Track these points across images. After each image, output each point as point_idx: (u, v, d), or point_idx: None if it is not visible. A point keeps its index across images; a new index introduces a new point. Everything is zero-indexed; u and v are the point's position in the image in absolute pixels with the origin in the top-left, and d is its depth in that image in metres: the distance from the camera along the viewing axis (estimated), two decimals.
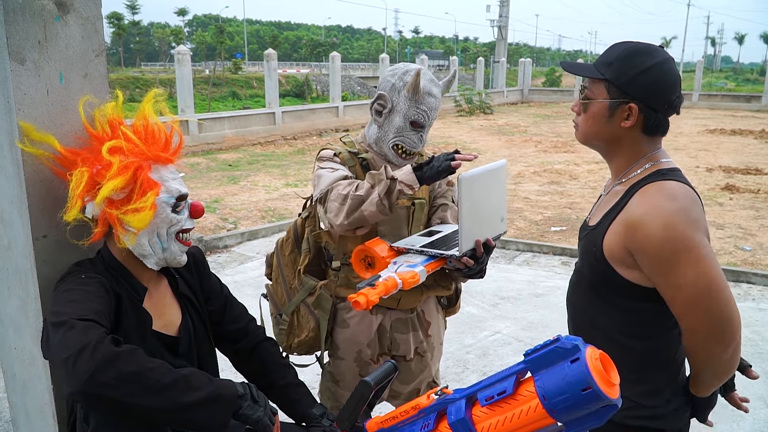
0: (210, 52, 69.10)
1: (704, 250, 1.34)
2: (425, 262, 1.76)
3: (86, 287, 1.46)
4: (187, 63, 14.24)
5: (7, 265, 1.72)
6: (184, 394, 1.32)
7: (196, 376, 1.38)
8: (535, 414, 1.04)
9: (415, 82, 1.94)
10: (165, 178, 1.58)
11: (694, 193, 1.41)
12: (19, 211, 1.61)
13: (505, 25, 36.51)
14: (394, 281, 1.61)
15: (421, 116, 1.98)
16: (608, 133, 1.49)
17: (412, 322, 2.13)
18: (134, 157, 1.54)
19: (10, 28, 1.49)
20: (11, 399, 1.94)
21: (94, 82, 1.69)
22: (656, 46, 1.48)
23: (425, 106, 1.97)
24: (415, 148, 2.01)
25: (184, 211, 1.62)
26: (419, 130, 2.00)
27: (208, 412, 1.35)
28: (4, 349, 1.87)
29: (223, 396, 1.38)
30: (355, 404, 1.27)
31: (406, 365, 2.16)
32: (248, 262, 5.79)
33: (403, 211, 2.05)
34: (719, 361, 1.39)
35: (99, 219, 1.54)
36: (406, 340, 2.13)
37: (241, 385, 1.45)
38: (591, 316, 1.55)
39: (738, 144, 14.75)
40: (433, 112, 2.00)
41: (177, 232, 1.61)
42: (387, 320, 2.11)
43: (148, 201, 1.51)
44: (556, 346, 1.03)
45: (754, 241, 6.60)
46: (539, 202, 8.57)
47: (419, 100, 1.96)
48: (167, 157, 1.61)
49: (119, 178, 1.49)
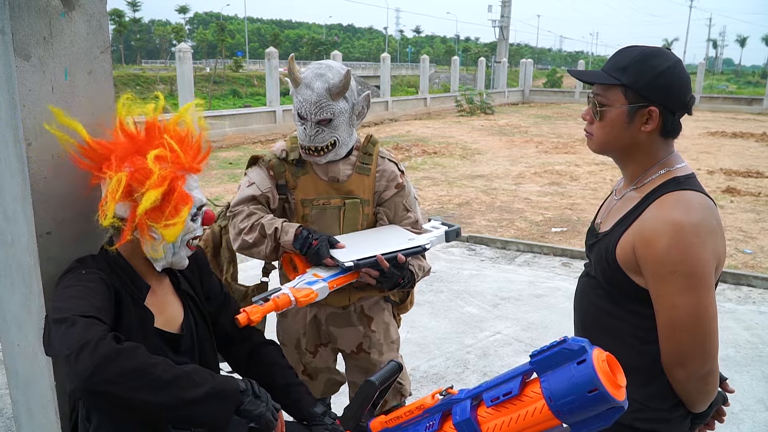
0: (211, 50, 69.12)
1: (705, 279, 1.35)
2: (333, 276, 1.89)
3: (87, 283, 1.46)
4: (188, 60, 14.24)
5: (10, 261, 1.72)
6: (186, 390, 1.32)
7: (198, 372, 1.38)
8: (541, 415, 1.04)
9: (288, 68, 1.97)
10: (191, 188, 1.59)
11: (710, 202, 1.41)
12: (23, 207, 1.60)
13: (506, 25, 36.51)
14: (287, 299, 1.77)
15: (300, 107, 1.96)
16: (627, 139, 1.47)
17: (349, 317, 2.18)
18: (172, 167, 1.54)
19: (16, 24, 1.49)
20: (13, 396, 1.93)
21: (98, 79, 1.69)
22: (665, 48, 1.48)
23: (301, 97, 1.95)
24: (302, 141, 1.98)
25: (198, 218, 1.63)
26: (303, 121, 1.97)
27: (210, 407, 1.35)
28: (7, 345, 1.86)
29: (225, 391, 1.38)
30: (359, 403, 1.27)
31: (354, 360, 2.25)
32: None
33: (335, 211, 2.07)
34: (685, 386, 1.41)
35: (128, 221, 1.52)
36: (344, 334, 2.19)
37: (243, 381, 1.45)
38: (602, 319, 1.54)
39: (739, 147, 14.75)
40: (311, 106, 1.93)
41: (189, 239, 1.62)
42: (322, 313, 2.18)
43: (183, 216, 1.52)
44: (563, 348, 1.03)
45: (754, 244, 6.61)
46: (540, 202, 8.57)
47: (298, 90, 1.96)
48: (198, 167, 1.62)
49: (158, 190, 1.49)
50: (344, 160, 2.08)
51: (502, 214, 7.82)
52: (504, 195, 9.07)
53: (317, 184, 2.07)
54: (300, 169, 2.07)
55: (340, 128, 1.98)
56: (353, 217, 2.08)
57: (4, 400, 3.07)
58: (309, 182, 2.06)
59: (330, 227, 2.08)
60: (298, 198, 2.06)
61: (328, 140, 1.97)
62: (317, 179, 2.07)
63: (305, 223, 2.05)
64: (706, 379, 1.40)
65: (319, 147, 1.98)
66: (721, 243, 1.40)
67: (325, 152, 1.99)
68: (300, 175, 2.06)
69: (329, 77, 1.94)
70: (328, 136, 1.97)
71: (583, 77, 1.57)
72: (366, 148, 2.11)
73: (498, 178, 10.53)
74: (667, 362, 1.41)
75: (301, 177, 2.06)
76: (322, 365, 2.24)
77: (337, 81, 1.94)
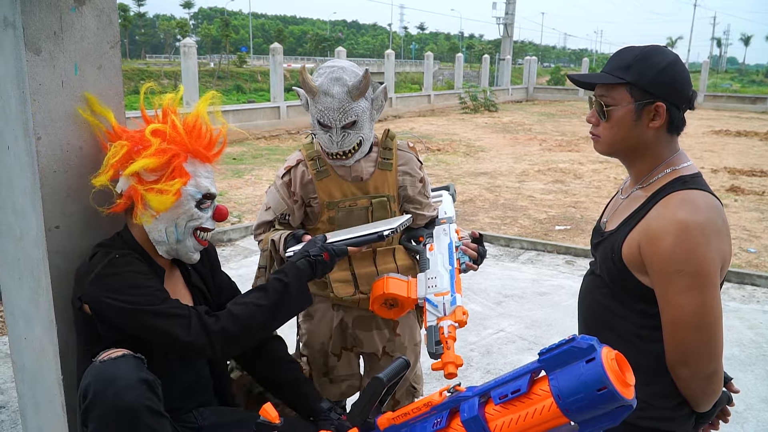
0: (215, 46, 69.01)
1: (711, 279, 1.35)
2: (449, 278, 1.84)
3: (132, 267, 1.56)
4: (193, 56, 14.24)
5: (18, 255, 1.73)
6: (285, 310, 1.66)
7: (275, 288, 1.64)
8: (549, 413, 1.04)
9: (301, 79, 1.90)
10: (198, 173, 1.64)
11: (716, 201, 1.41)
12: (32, 201, 1.61)
13: (510, 22, 36.43)
14: (453, 335, 1.68)
15: (321, 116, 1.91)
16: (635, 138, 1.47)
17: (375, 321, 2.13)
18: (175, 146, 1.60)
19: (27, 19, 1.49)
20: (20, 389, 1.94)
21: (108, 74, 1.69)
22: (661, 46, 1.49)
23: (321, 105, 1.89)
24: (329, 148, 1.94)
25: (208, 210, 1.66)
26: (327, 129, 1.92)
27: (298, 298, 1.68)
28: (14, 339, 1.87)
29: (301, 280, 1.68)
30: (367, 400, 1.27)
31: (377, 362, 2.19)
32: (252, 255, 5.79)
33: (362, 212, 2.03)
34: (689, 385, 1.41)
35: (125, 193, 1.60)
36: (370, 338, 2.14)
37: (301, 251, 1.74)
38: (607, 318, 1.54)
39: (743, 145, 14.70)
40: (334, 113, 1.89)
41: (196, 229, 1.64)
42: (348, 317, 2.12)
43: (174, 186, 1.56)
44: (572, 346, 1.03)
45: (758, 243, 6.59)
46: (543, 200, 8.56)
47: (316, 99, 1.91)
48: (206, 155, 1.67)
49: (153, 159, 1.55)
50: (366, 157, 2.05)
51: (505, 212, 7.81)
52: (507, 192, 9.06)
53: (341, 185, 2.02)
54: (320, 173, 2.03)
55: (364, 127, 1.95)
56: (382, 216, 2.04)
57: (9, 394, 3.08)
58: (332, 184, 2.02)
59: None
60: (322, 201, 2.02)
61: (354, 141, 1.93)
62: (340, 180, 2.02)
63: (331, 226, 2.01)
64: (711, 379, 1.40)
65: (347, 150, 1.95)
66: (726, 243, 1.40)
67: (352, 153, 1.96)
68: (321, 178, 2.02)
69: (346, 79, 1.90)
70: (355, 138, 1.93)
71: (587, 80, 1.54)
72: (385, 143, 2.08)
73: (501, 175, 10.52)
74: (671, 361, 1.41)
75: (324, 180, 2.02)
76: (345, 370, 2.21)
77: (356, 82, 1.89)
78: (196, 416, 1.67)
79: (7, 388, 3.15)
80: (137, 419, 1.34)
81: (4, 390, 3.14)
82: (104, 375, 1.36)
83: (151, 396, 1.37)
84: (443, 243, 2.00)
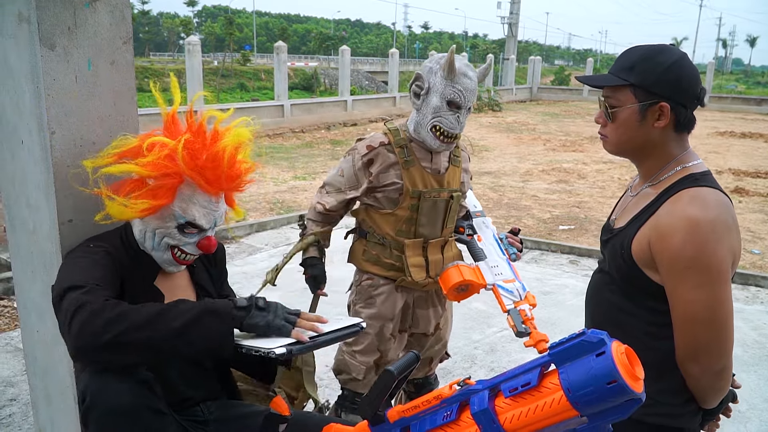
0: (219, 44, 69.03)
1: (722, 275, 1.36)
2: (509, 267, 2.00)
3: (93, 256, 1.48)
4: (197, 53, 14.26)
5: (32, 248, 1.74)
6: (175, 319, 1.31)
7: (183, 302, 1.36)
8: (558, 406, 1.05)
9: (449, 59, 2.00)
10: (194, 201, 1.54)
11: (726, 198, 1.42)
12: (46, 195, 1.62)
13: (515, 22, 36.35)
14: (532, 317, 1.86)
15: (456, 95, 2.02)
16: (641, 137, 1.48)
17: (432, 299, 2.26)
18: (175, 167, 1.50)
19: (42, 14, 1.51)
20: (32, 382, 1.96)
21: (121, 70, 1.71)
22: (668, 45, 1.49)
23: (460, 86, 2.02)
24: (453, 129, 2.04)
25: (192, 236, 1.58)
26: (456, 110, 2.03)
27: (204, 327, 1.32)
28: (27, 331, 1.89)
29: (217, 310, 1.35)
30: (377, 393, 1.28)
31: (426, 339, 2.31)
32: (257, 253, 5.81)
33: (443, 204, 2.13)
34: (699, 381, 1.42)
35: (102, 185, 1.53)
36: (426, 316, 2.26)
37: (245, 299, 1.42)
38: (615, 315, 1.55)
39: (748, 147, 14.67)
40: (469, 94, 2.03)
41: (171, 246, 1.57)
42: (410, 298, 2.22)
43: (137, 206, 1.48)
44: (582, 340, 1.04)
45: (763, 244, 6.59)
46: (547, 200, 8.56)
47: (454, 79, 2.01)
48: (209, 189, 1.55)
49: (141, 169, 1.48)
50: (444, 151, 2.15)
51: (509, 211, 7.81)
52: (511, 192, 9.06)
53: (423, 176, 2.10)
54: (408, 162, 2.10)
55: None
56: (456, 208, 2.18)
57: (20, 387, 3.10)
58: (416, 173, 2.09)
59: (436, 222, 2.14)
60: (407, 188, 2.08)
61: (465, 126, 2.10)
62: (422, 171, 2.10)
63: (412, 214, 2.10)
64: (720, 375, 1.41)
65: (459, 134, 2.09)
66: (736, 239, 1.41)
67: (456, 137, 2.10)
68: (408, 167, 2.09)
69: (471, 66, 2.09)
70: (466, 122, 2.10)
71: (594, 82, 1.57)
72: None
73: (505, 175, 10.52)
74: (681, 357, 1.42)
75: (410, 169, 2.09)
76: (394, 353, 2.26)
77: (483, 68, 2.14)
78: (203, 409, 1.67)
79: (17, 381, 3.17)
80: (137, 419, 1.33)
81: (14, 383, 3.17)
82: (99, 378, 1.34)
83: (150, 395, 1.37)
84: (488, 235, 2.12)
